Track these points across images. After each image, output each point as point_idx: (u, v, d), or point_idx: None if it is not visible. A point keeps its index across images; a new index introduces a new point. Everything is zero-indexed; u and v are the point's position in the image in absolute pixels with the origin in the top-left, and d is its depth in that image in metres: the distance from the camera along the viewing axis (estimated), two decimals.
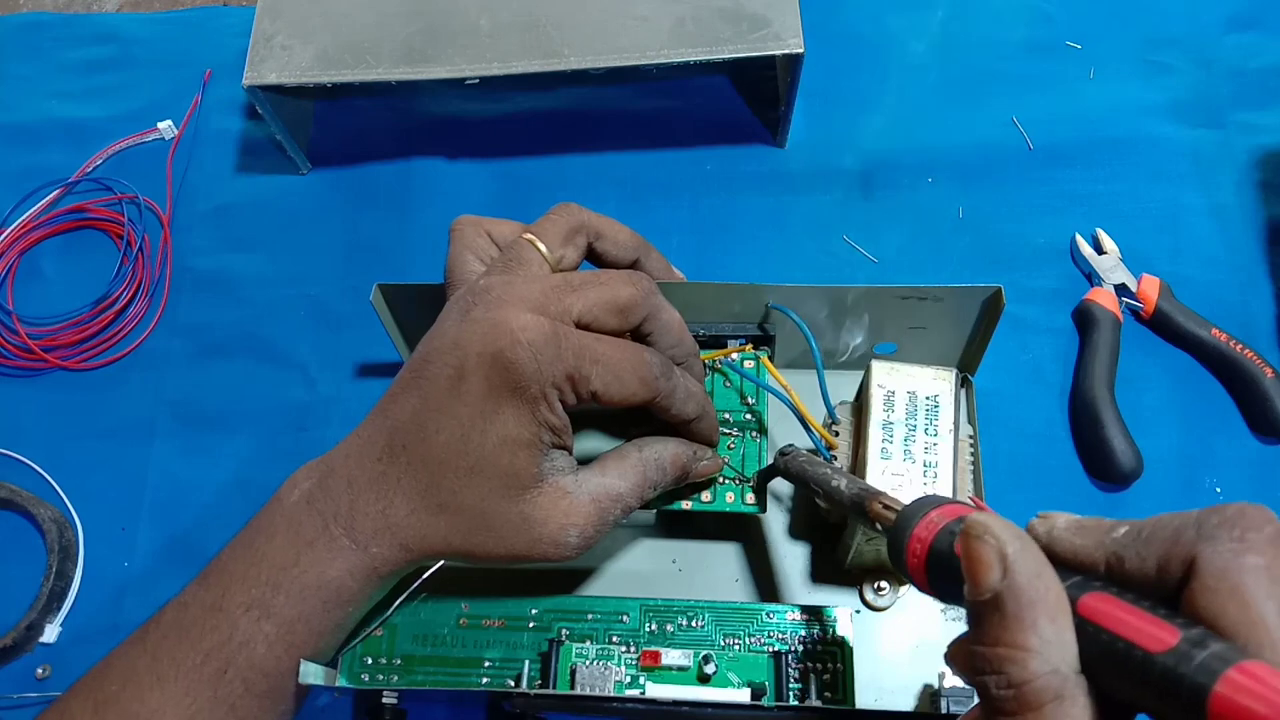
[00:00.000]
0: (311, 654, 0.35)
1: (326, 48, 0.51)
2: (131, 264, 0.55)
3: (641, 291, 0.36)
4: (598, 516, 0.35)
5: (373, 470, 0.34)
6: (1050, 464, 0.47)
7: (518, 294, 0.34)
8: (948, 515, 0.27)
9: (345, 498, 0.34)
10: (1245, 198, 0.52)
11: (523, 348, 0.32)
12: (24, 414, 0.52)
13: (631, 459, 0.37)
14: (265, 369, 0.52)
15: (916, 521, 0.28)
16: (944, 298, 0.42)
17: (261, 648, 0.33)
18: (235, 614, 0.33)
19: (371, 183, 0.57)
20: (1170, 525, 0.22)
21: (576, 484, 0.35)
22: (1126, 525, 0.23)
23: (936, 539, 0.27)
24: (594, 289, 0.35)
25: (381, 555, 0.34)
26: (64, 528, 0.48)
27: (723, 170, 0.56)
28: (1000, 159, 0.54)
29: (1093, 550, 0.23)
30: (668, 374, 0.36)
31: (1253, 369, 0.46)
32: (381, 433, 0.35)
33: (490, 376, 0.33)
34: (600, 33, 0.50)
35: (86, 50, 0.63)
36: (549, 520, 0.34)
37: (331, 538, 0.34)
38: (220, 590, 0.34)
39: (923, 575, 0.28)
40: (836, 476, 0.35)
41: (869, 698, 0.39)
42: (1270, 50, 0.56)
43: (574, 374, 0.33)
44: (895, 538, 0.29)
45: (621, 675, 0.38)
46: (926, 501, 0.29)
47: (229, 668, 0.33)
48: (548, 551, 0.35)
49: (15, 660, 0.46)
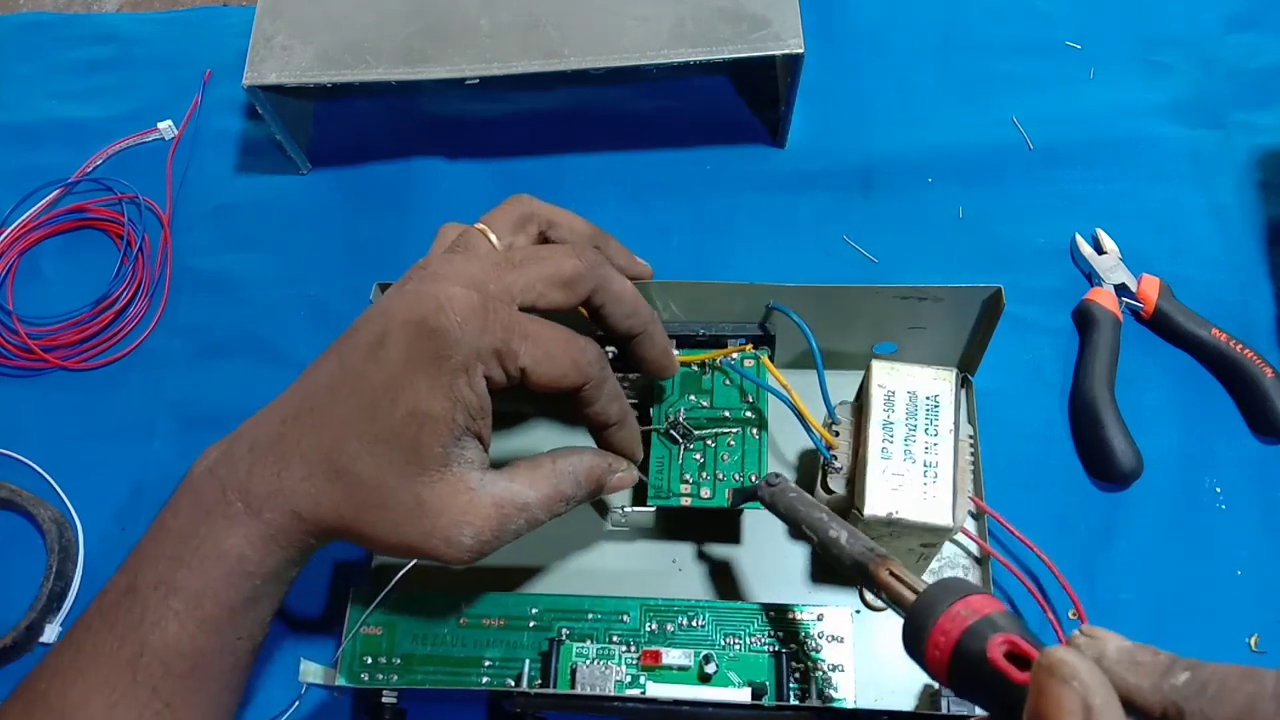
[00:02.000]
0: (229, 630, 0.33)
1: (326, 48, 0.51)
2: (131, 264, 0.55)
3: (586, 263, 0.35)
4: (498, 521, 0.33)
5: (275, 432, 0.33)
6: (1050, 464, 0.47)
7: (454, 270, 0.33)
8: (975, 610, 0.26)
9: (245, 462, 0.33)
10: (1245, 198, 0.52)
11: (447, 315, 0.31)
12: (24, 414, 0.52)
13: (544, 469, 0.36)
14: (265, 369, 0.52)
15: (941, 612, 0.26)
16: (944, 298, 0.42)
17: (173, 626, 0.32)
18: (145, 593, 0.32)
19: (371, 183, 0.57)
20: (1242, 689, 0.21)
21: (481, 482, 0.33)
22: (1187, 671, 0.22)
23: (964, 639, 0.26)
24: (535, 264, 0.34)
25: (275, 522, 0.33)
26: (64, 528, 0.48)
27: (723, 170, 0.56)
28: (1000, 159, 0.54)
29: (1148, 694, 0.22)
30: (601, 364, 0.35)
31: (1253, 369, 0.46)
32: (295, 396, 0.34)
33: (411, 343, 0.32)
34: (600, 33, 0.50)
35: (86, 50, 0.63)
36: (444, 512, 0.33)
37: (227, 504, 0.33)
38: (133, 571, 0.33)
39: (944, 672, 0.26)
40: (835, 526, 0.33)
41: (869, 698, 0.39)
42: (1270, 50, 0.56)
43: (501, 348, 0.32)
44: (915, 626, 0.27)
45: (622, 675, 0.38)
46: (950, 588, 0.27)
47: (144, 650, 0.32)
48: (439, 548, 0.33)
49: (15, 660, 0.46)
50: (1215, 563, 0.44)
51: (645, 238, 0.54)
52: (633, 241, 0.44)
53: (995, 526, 0.43)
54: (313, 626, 0.45)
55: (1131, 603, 0.44)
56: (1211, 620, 0.43)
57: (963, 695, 0.26)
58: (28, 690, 0.33)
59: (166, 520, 0.34)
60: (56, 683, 0.32)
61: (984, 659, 0.24)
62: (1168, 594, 0.44)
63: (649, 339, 0.38)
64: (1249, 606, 0.43)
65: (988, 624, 0.25)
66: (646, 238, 0.54)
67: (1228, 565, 0.44)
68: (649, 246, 0.52)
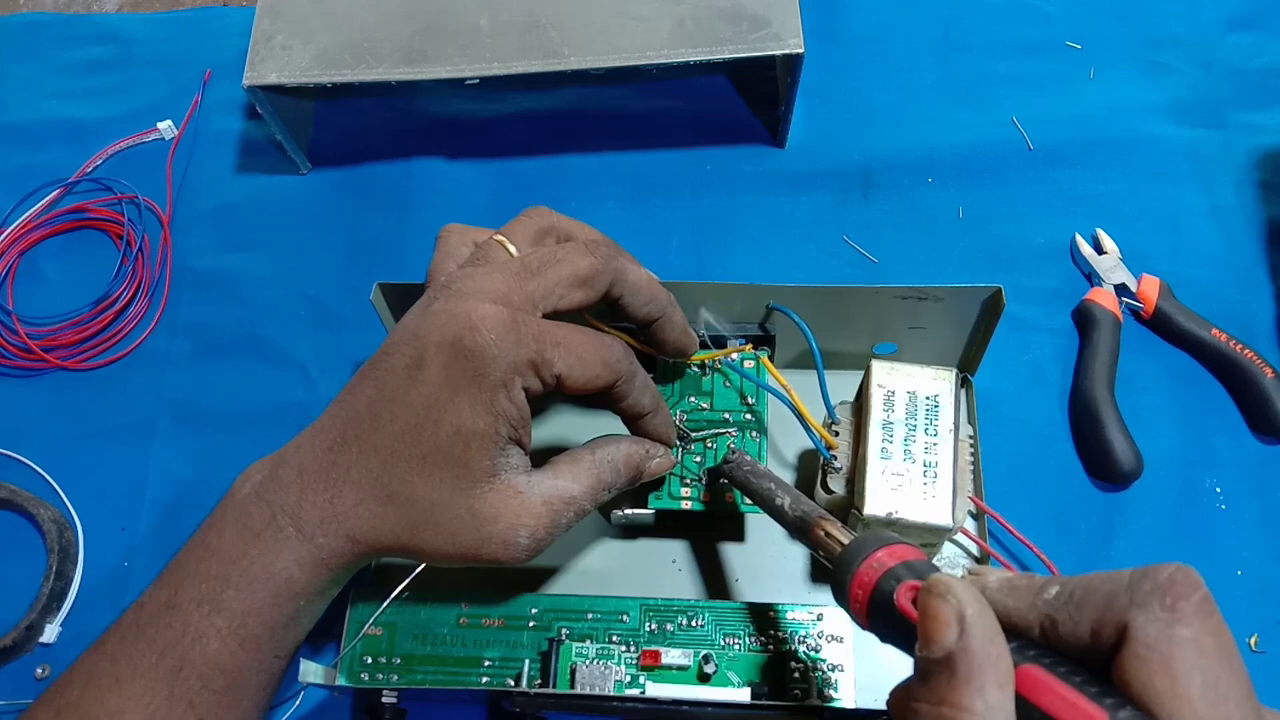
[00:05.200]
0: (268, 649, 0.34)
1: (326, 48, 0.51)
2: (131, 264, 0.55)
3: (601, 257, 0.35)
4: (549, 519, 0.35)
5: (323, 459, 0.34)
6: (1050, 464, 0.47)
7: (478, 286, 0.34)
8: (893, 557, 0.28)
9: (294, 488, 0.34)
10: (1245, 198, 0.52)
11: (481, 334, 0.32)
12: (24, 414, 0.52)
13: (585, 461, 0.36)
14: (265, 369, 0.52)
15: (861, 560, 0.28)
16: (944, 298, 0.42)
17: (215, 643, 0.33)
18: (187, 610, 0.33)
19: (371, 183, 0.57)
20: (1102, 589, 0.22)
21: (529, 484, 0.35)
22: (1058, 585, 0.23)
23: (880, 582, 0.27)
24: (552, 268, 0.35)
25: (328, 546, 0.34)
26: (64, 528, 0.48)
27: (723, 170, 0.56)
28: (1000, 159, 0.54)
29: (1025, 612, 0.24)
30: (629, 358, 0.36)
31: (1253, 369, 0.46)
32: (336, 422, 0.34)
33: (448, 365, 0.32)
34: (600, 33, 0.50)
35: (86, 50, 0.63)
36: (499, 519, 0.34)
37: (278, 528, 0.33)
38: (173, 587, 0.34)
39: (864, 615, 0.28)
40: (780, 494, 0.35)
41: (869, 698, 0.39)
42: (1270, 50, 0.56)
43: (536, 359, 0.33)
44: (838, 573, 0.29)
45: (621, 675, 0.38)
46: (872, 539, 0.29)
47: (184, 665, 0.32)
48: (497, 552, 0.34)
49: (15, 660, 0.46)
50: (1215, 563, 0.44)
51: (645, 238, 0.54)
52: (633, 241, 0.43)
53: (995, 526, 0.43)
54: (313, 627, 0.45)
55: None
56: None
57: (884, 640, 0.28)
58: (58, 696, 0.33)
59: (210, 539, 0.34)
60: (91, 690, 0.33)
61: (894, 602, 0.26)
62: None
63: (668, 321, 0.39)
64: (1249, 606, 0.43)
65: (900, 571, 0.27)
66: (646, 238, 0.54)
67: (1228, 565, 0.44)
68: (649, 247, 0.52)
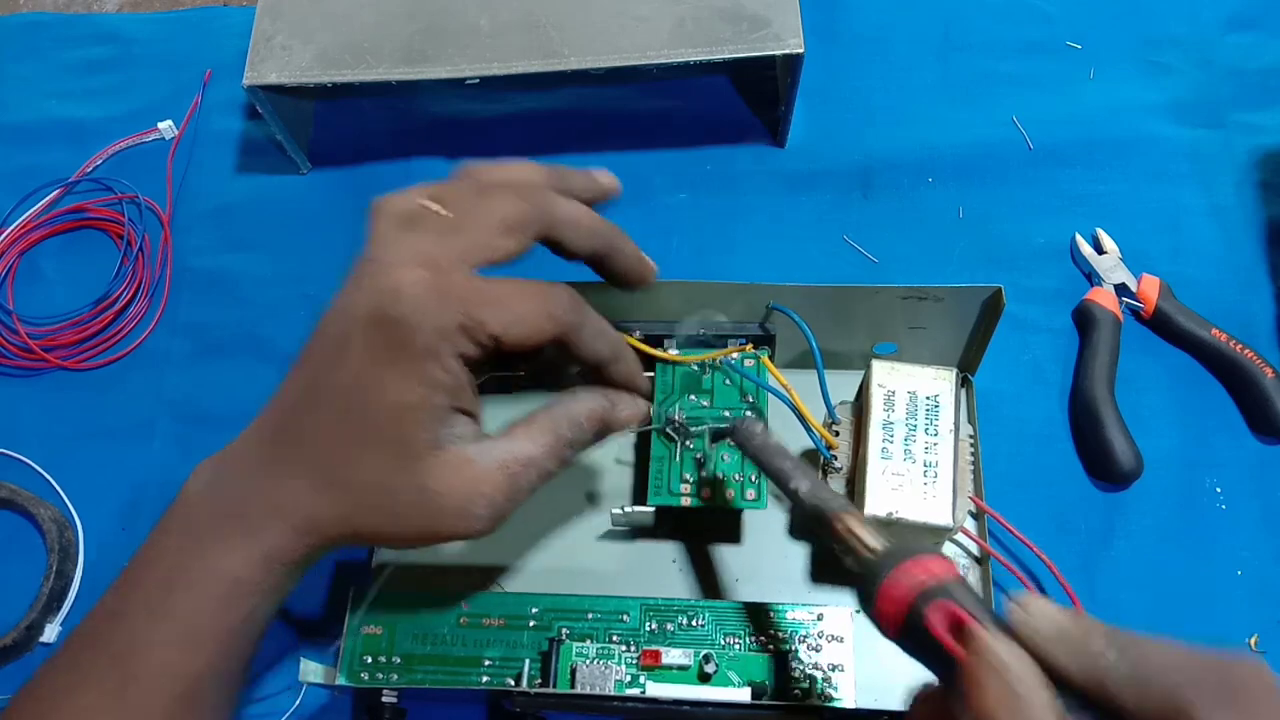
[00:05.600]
0: (223, 652, 0.33)
1: (326, 48, 0.51)
2: (131, 264, 0.55)
3: (527, 199, 0.33)
4: (508, 484, 0.32)
5: (265, 452, 0.33)
6: (1050, 464, 0.47)
7: (401, 252, 0.32)
8: (925, 574, 0.26)
9: (237, 484, 0.33)
10: (1245, 198, 0.52)
11: (404, 302, 0.30)
12: (24, 414, 0.52)
13: (541, 420, 0.34)
14: (265, 369, 0.52)
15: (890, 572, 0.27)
16: (944, 298, 0.42)
17: (163, 651, 0.31)
18: (135, 617, 0.32)
19: (371, 183, 0.57)
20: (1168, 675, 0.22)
21: (481, 451, 0.32)
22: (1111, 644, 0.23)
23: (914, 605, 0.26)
24: (476, 219, 0.32)
25: (274, 542, 0.32)
26: (64, 528, 0.48)
27: (723, 170, 0.56)
28: (1000, 159, 0.54)
29: (1075, 673, 0.23)
30: (575, 306, 0.34)
31: (1253, 369, 0.46)
32: (276, 412, 0.33)
33: (372, 339, 0.31)
34: (600, 33, 0.50)
35: (86, 50, 0.63)
36: (451, 491, 0.32)
37: (221, 527, 0.32)
38: (124, 594, 0.33)
39: (893, 629, 0.27)
40: (798, 476, 0.33)
41: (869, 698, 0.39)
42: (1270, 50, 0.56)
43: (466, 321, 0.31)
44: (867, 584, 0.28)
45: (622, 674, 0.38)
46: (905, 549, 0.27)
47: (139, 673, 0.31)
48: (454, 525, 0.32)
49: (15, 660, 0.46)
50: (1215, 563, 0.44)
51: (646, 238, 0.53)
52: None
53: (995, 526, 0.43)
54: (313, 626, 0.45)
55: (1131, 603, 0.43)
56: (1211, 620, 0.43)
57: (910, 655, 0.27)
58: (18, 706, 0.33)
59: (159, 542, 0.33)
60: (47, 701, 0.32)
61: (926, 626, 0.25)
62: (1168, 594, 0.44)
63: (618, 253, 0.36)
64: (1249, 606, 0.43)
65: (933, 590, 0.26)
66: (647, 238, 0.53)
67: (1228, 565, 0.44)
68: (650, 246, 0.52)
